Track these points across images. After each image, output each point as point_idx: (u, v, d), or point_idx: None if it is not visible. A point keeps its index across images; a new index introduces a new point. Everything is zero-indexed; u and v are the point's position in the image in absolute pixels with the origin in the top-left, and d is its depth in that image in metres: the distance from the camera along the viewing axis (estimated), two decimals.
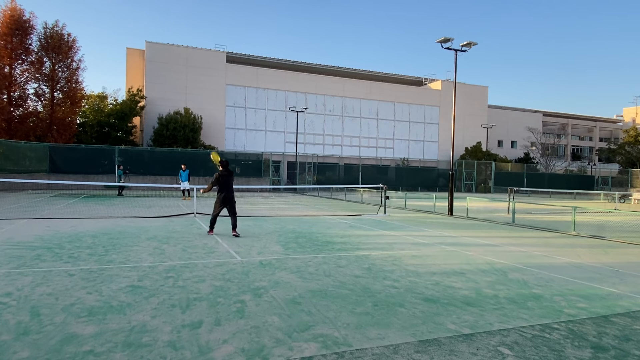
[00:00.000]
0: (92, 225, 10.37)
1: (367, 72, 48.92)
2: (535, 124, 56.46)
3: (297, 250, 7.78)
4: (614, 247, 9.23)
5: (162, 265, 6.18)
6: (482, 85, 52.40)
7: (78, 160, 27.96)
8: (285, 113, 42.85)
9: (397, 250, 8.04)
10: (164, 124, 34.79)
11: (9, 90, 27.83)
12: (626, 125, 63.01)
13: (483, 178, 42.88)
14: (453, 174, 17.17)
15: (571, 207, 12.21)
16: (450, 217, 15.55)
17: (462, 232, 11.16)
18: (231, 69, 41.22)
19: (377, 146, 47.23)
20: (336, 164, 40.42)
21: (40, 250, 7.04)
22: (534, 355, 3.36)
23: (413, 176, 42.17)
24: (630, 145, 52.83)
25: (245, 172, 33.42)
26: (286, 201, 22.10)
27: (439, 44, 16.50)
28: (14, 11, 27.72)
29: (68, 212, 13.44)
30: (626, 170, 46.71)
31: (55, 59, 29.47)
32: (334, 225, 11.84)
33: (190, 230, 9.89)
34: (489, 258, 7.52)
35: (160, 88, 38.15)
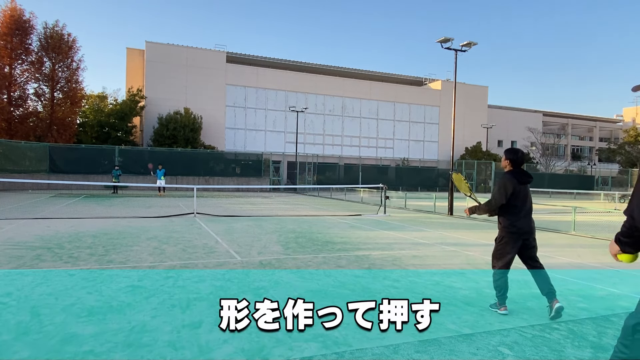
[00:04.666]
0: (92, 225, 10.36)
1: (367, 72, 48.91)
2: (535, 124, 56.45)
3: (297, 250, 7.77)
4: None
5: (162, 265, 6.18)
6: (482, 85, 52.45)
7: (78, 160, 27.98)
8: (285, 113, 42.84)
9: (397, 250, 8.04)
10: (164, 124, 34.79)
11: (9, 90, 27.84)
12: (626, 125, 63.01)
13: (483, 178, 42.89)
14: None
15: (571, 207, 12.20)
16: (451, 217, 15.55)
17: (462, 232, 11.16)
18: (231, 69, 41.22)
19: (377, 146, 47.23)
20: (336, 164, 40.43)
21: (40, 250, 7.03)
22: (534, 355, 3.36)
23: (413, 176, 42.18)
24: (630, 145, 52.83)
25: (245, 172, 33.44)
26: (286, 201, 22.11)
27: (439, 44, 16.51)
28: (14, 11, 27.73)
29: (68, 212, 13.44)
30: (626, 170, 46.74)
31: (55, 59, 29.48)
32: (334, 225, 11.84)
33: (190, 230, 9.89)
34: (489, 258, 7.47)
35: (160, 88, 38.14)
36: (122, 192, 25.41)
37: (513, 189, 4.25)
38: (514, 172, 4.35)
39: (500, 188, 4.30)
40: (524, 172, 4.38)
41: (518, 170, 4.37)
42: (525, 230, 4.28)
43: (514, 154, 4.41)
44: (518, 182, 4.28)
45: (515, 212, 4.28)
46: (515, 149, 4.52)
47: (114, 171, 24.40)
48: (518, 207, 4.28)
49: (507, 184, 4.26)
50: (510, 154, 4.43)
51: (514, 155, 4.39)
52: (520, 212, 4.28)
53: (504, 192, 4.26)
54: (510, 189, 4.24)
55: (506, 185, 4.26)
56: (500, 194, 4.28)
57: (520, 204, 4.28)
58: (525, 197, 4.34)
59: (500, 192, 4.28)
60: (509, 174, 4.35)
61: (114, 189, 24.28)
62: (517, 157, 4.38)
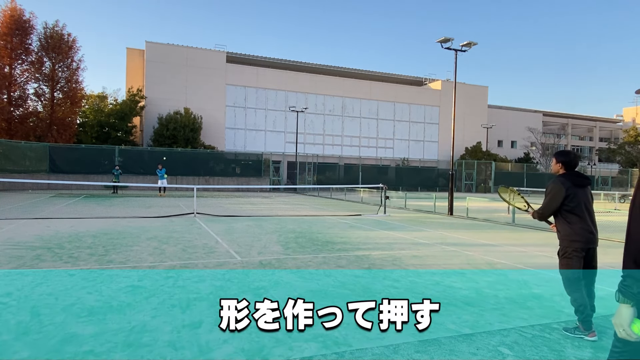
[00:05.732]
0: (92, 225, 10.36)
1: (367, 72, 48.90)
2: (535, 124, 56.44)
3: (297, 250, 7.77)
4: (614, 247, 9.22)
5: (162, 265, 6.18)
6: (482, 85, 52.43)
7: (78, 160, 27.99)
8: (285, 113, 42.83)
9: (397, 250, 8.04)
10: (164, 124, 34.79)
11: (9, 90, 27.84)
12: (626, 125, 62.98)
13: (483, 178, 42.89)
14: (453, 174, 17.17)
15: None
16: (451, 217, 15.55)
17: (462, 232, 11.16)
18: (231, 69, 41.21)
19: (377, 146, 47.22)
20: (336, 164, 40.42)
21: (40, 250, 7.03)
22: (534, 355, 3.36)
23: (413, 176, 42.17)
24: (630, 145, 52.81)
25: (245, 172, 33.43)
26: (286, 201, 22.10)
27: (439, 44, 16.51)
28: (14, 11, 27.73)
29: (68, 212, 13.43)
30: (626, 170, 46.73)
31: (55, 59, 29.48)
32: (334, 225, 11.84)
33: (190, 230, 9.89)
34: (489, 258, 7.52)
35: (160, 88, 38.13)
36: (122, 192, 25.44)
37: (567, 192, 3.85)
38: (567, 174, 3.94)
39: (550, 193, 3.94)
40: (580, 174, 3.96)
41: (572, 173, 3.96)
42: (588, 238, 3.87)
43: (565, 156, 4.02)
44: (573, 185, 3.85)
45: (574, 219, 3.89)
46: (567, 150, 4.18)
47: (114, 170, 24.46)
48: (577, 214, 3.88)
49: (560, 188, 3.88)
50: (561, 156, 4.03)
51: (566, 157, 3.99)
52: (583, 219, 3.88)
53: (557, 198, 3.89)
54: (563, 193, 3.83)
55: (559, 189, 3.85)
56: (551, 200, 3.90)
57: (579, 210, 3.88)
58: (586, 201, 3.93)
59: (552, 199, 3.89)
60: (561, 177, 3.95)
61: (113, 188, 24.30)
62: (570, 159, 3.97)
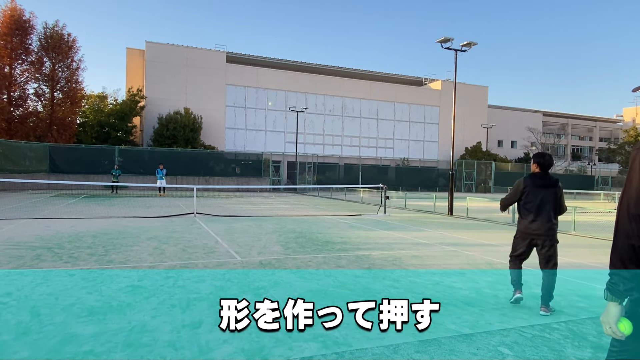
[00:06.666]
0: (92, 225, 10.36)
1: (367, 72, 48.89)
2: (535, 124, 56.43)
3: (297, 250, 7.77)
4: None
5: (162, 265, 6.18)
6: (482, 85, 52.41)
7: (78, 160, 27.98)
8: (285, 113, 42.83)
9: (397, 250, 8.04)
10: (164, 124, 34.78)
11: (9, 90, 27.84)
12: (626, 125, 62.98)
13: (483, 178, 42.88)
14: (453, 174, 17.18)
15: (571, 207, 12.19)
16: (451, 217, 15.55)
17: (462, 232, 11.16)
18: (231, 69, 41.21)
19: (377, 146, 47.22)
20: (336, 164, 40.41)
21: (40, 250, 7.03)
22: (534, 355, 3.36)
23: (413, 176, 42.15)
24: (630, 145, 52.77)
25: (245, 172, 33.43)
26: (286, 201, 22.10)
27: (439, 44, 16.50)
28: (14, 11, 27.73)
29: (68, 212, 13.43)
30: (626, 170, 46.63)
31: (55, 59, 29.47)
32: (334, 225, 11.84)
33: (190, 230, 9.89)
34: (489, 258, 7.52)
35: (160, 88, 38.13)
36: (122, 192, 25.43)
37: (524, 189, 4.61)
38: (534, 175, 4.67)
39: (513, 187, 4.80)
40: (544, 177, 4.61)
41: (538, 174, 4.64)
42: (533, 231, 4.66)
43: (540, 157, 4.68)
44: (532, 184, 4.56)
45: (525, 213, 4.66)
46: (543, 152, 4.82)
47: (113, 171, 24.46)
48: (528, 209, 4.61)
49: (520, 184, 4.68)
50: (537, 157, 4.71)
51: (541, 159, 4.65)
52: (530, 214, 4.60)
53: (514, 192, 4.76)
54: (520, 189, 4.63)
55: (518, 186, 4.69)
56: (511, 193, 4.81)
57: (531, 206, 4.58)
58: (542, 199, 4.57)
59: (511, 193, 4.80)
60: (528, 176, 4.71)
61: (113, 189, 24.29)
62: (544, 161, 4.63)
